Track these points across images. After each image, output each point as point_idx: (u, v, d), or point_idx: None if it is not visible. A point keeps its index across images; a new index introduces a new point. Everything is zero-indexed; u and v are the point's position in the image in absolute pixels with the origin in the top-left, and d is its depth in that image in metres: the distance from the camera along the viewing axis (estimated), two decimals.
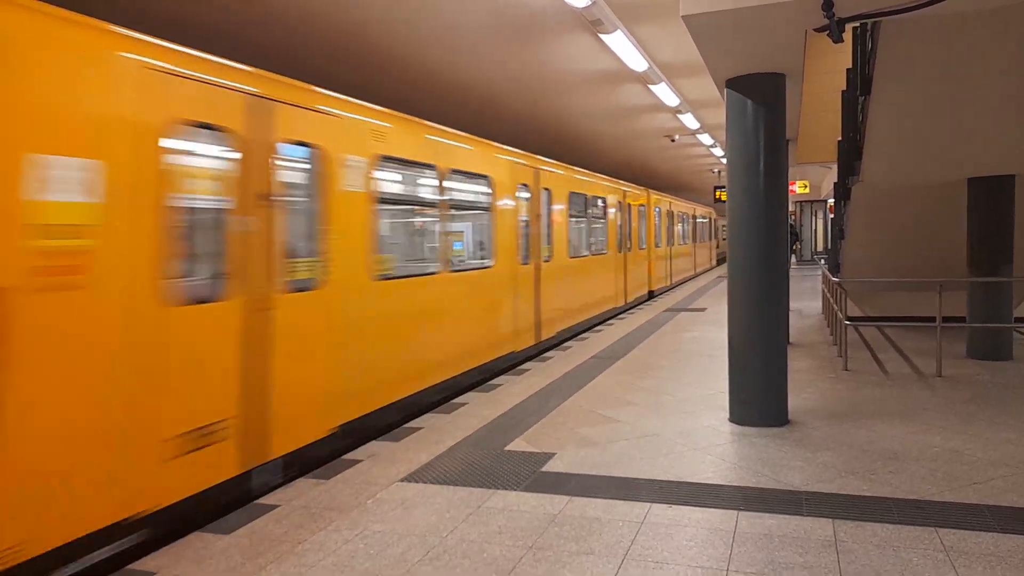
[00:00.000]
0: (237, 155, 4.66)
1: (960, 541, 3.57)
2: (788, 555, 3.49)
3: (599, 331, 11.85)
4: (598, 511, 4.13)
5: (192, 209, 4.51)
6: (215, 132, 4.54)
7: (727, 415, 6.11)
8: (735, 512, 4.04)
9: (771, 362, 5.92)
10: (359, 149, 5.94)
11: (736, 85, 6.17)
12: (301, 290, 5.23)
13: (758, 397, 5.92)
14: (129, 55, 3.94)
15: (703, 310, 14.41)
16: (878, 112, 7.17)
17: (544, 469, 4.92)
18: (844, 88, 11.59)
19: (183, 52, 4.32)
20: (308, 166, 5.44)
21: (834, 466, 4.80)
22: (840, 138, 12.21)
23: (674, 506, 4.17)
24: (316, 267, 5.45)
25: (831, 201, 31.94)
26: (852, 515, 3.94)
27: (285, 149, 5.11)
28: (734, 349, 6.07)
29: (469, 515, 4.16)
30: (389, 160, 6.45)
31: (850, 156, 9.83)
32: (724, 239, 40.80)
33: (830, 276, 9.70)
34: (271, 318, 4.91)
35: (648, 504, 4.20)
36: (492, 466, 5.02)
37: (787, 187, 6.17)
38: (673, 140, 19.22)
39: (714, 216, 32.36)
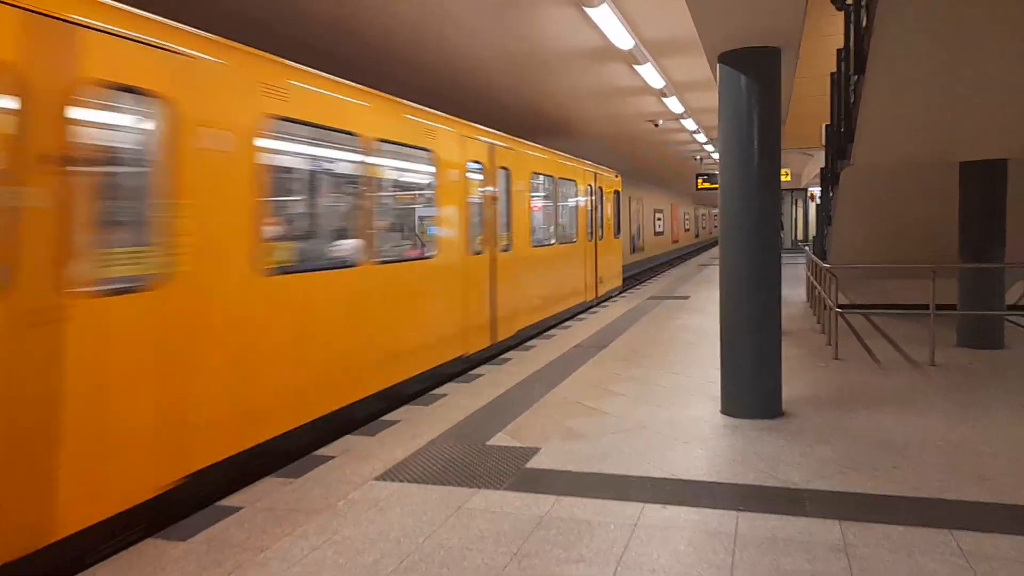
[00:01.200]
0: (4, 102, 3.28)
1: (978, 544, 3.31)
2: (795, 561, 3.22)
3: (582, 319, 11.57)
4: (588, 512, 3.84)
5: None
6: None
7: (718, 406, 5.85)
8: (734, 513, 3.77)
9: (765, 351, 5.66)
10: (237, 104, 4.63)
11: (730, 60, 5.86)
12: (124, 292, 3.82)
13: (751, 387, 5.66)
14: None
15: (687, 298, 14.19)
16: (873, 92, 6.90)
17: (529, 465, 4.61)
18: (833, 71, 11.37)
19: None
20: (145, 120, 4.10)
21: (834, 460, 4.55)
22: (828, 122, 11.99)
23: (668, 506, 3.88)
24: (154, 258, 4.05)
25: (812, 189, 31.98)
26: (859, 515, 3.69)
27: (101, 95, 3.77)
28: (726, 337, 5.80)
29: (448, 517, 3.84)
30: (288, 122, 5.18)
31: (841, 139, 9.60)
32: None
33: (820, 263, 9.48)
34: (61, 334, 3.46)
35: (641, 504, 3.91)
36: (473, 462, 4.71)
37: (780, 167, 5.88)
38: (656, 125, 18.95)
39: (610, 185, 15.56)
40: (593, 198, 14.05)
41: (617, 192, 16.35)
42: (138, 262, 4.03)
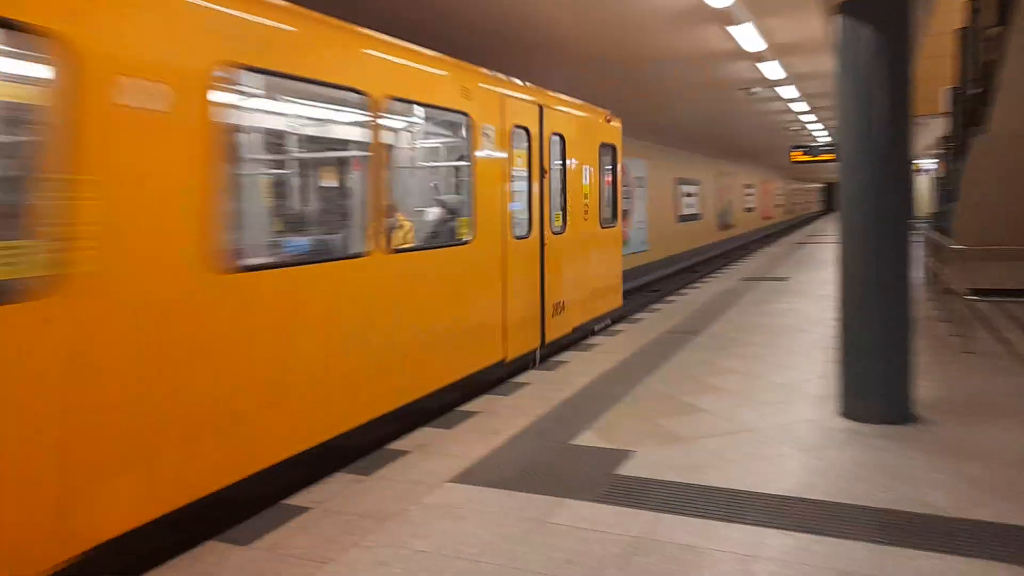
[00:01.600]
0: None
1: None
2: None
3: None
4: (693, 536, 3.31)
5: None
6: None
7: (835, 407, 5.16)
8: (872, 546, 3.16)
9: (894, 344, 4.92)
10: None
11: (851, 10, 5.07)
12: None
13: (877, 387, 4.94)
14: None
15: (785, 279, 13.23)
16: (1020, 45, 5.94)
17: (620, 472, 4.11)
18: (960, 26, 10.12)
19: None
20: None
21: (985, 482, 3.84)
22: (956, 85, 10.74)
23: (791, 533, 3.31)
24: None
25: (917, 162, 29.66)
26: None
27: None
28: (847, 327, 5.08)
29: (530, 532, 3.40)
30: None
31: (973, 104, 8.50)
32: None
33: (945, 242, 8.45)
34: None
35: (757, 529, 3.35)
36: (557, 465, 4.25)
37: (910, 134, 5.06)
38: (751, 92, 17.73)
39: (590, 134, 8.66)
40: (535, 154, 7.10)
41: (612, 148, 9.35)
42: None
